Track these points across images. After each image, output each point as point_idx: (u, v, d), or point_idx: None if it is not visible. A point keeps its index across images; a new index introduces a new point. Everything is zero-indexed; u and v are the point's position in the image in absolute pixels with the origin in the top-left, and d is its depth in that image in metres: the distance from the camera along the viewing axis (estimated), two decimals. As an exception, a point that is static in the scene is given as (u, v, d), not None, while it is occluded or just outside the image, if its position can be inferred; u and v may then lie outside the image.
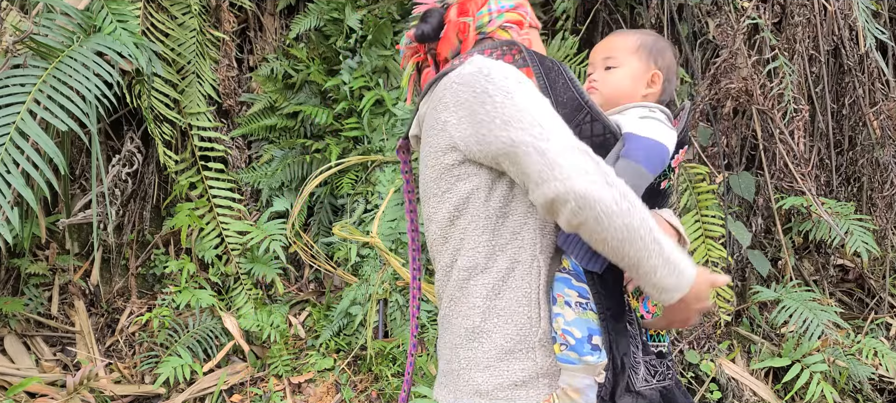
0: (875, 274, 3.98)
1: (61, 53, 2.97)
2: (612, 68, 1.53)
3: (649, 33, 1.57)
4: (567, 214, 1.24)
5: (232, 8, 3.72)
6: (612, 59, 1.53)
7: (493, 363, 1.39)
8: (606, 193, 1.22)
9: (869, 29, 3.47)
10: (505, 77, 1.34)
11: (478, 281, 1.40)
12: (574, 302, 1.39)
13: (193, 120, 3.57)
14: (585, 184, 1.22)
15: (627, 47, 1.53)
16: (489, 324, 1.40)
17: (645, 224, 1.25)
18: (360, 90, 3.65)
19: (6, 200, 2.67)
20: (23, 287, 3.47)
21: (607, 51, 1.55)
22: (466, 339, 1.42)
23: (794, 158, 3.45)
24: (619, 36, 1.56)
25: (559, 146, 1.25)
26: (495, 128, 1.30)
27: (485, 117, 1.32)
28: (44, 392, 3.10)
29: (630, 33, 1.56)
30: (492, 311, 1.39)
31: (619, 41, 1.55)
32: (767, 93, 3.35)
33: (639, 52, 1.53)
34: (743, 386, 3.31)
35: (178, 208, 3.59)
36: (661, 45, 1.56)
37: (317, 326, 3.54)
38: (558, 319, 1.40)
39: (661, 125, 1.43)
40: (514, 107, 1.30)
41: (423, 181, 1.48)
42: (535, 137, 1.27)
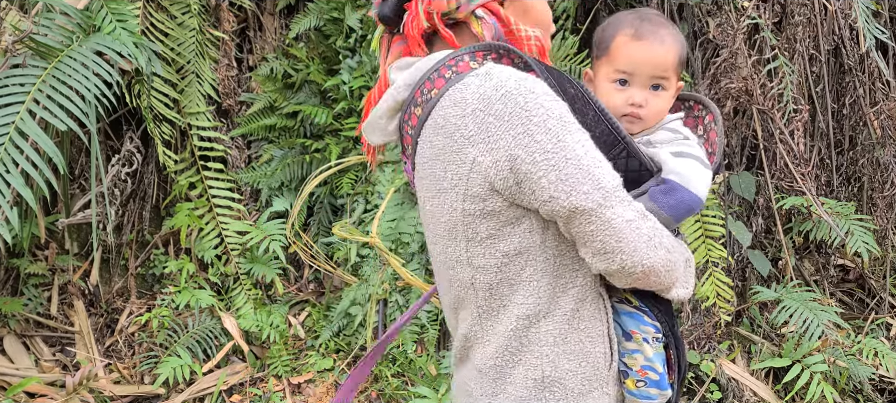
0: (875, 275, 3.97)
1: (61, 53, 2.97)
2: (662, 89, 1.32)
3: (677, 31, 1.36)
4: (624, 278, 1.20)
5: (231, 7, 3.72)
6: (665, 80, 1.31)
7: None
8: (660, 258, 1.18)
9: (869, 29, 3.47)
10: (543, 107, 1.15)
11: (542, 327, 1.24)
12: (651, 338, 1.33)
13: (193, 119, 3.56)
14: (653, 257, 1.17)
15: (673, 62, 1.32)
16: (560, 371, 1.25)
17: (675, 249, 1.24)
18: (360, 90, 3.64)
19: (5, 200, 2.66)
20: (22, 287, 3.47)
21: (658, 66, 1.30)
22: (537, 390, 1.25)
23: (794, 158, 3.45)
24: (666, 45, 1.30)
25: (623, 214, 1.15)
26: (548, 186, 1.14)
27: (532, 169, 1.14)
28: (43, 392, 3.10)
29: (671, 36, 1.32)
30: (562, 357, 1.25)
31: (667, 53, 1.31)
32: (768, 93, 3.35)
33: (678, 66, 1.34)
34: (743, 387, 3.31)
35: (178, 208, 3.58)
36: (685, 45, 1.37)
37: (316, 326, 3.54)
38: (637, 356, 1.32)
39: (698, 167, 1.27)
40: (565, 158, 1.14)
41: (448, 217, 1.25)
42: (597, 204, 1.14)
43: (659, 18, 1.35)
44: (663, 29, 1.32)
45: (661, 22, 1.35)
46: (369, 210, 3.50)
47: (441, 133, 1.20)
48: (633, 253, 1.16)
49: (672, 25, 1.37)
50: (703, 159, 1.30)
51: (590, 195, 1.14)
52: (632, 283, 1.21)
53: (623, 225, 1.15)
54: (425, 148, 1.24)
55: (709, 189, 1.29)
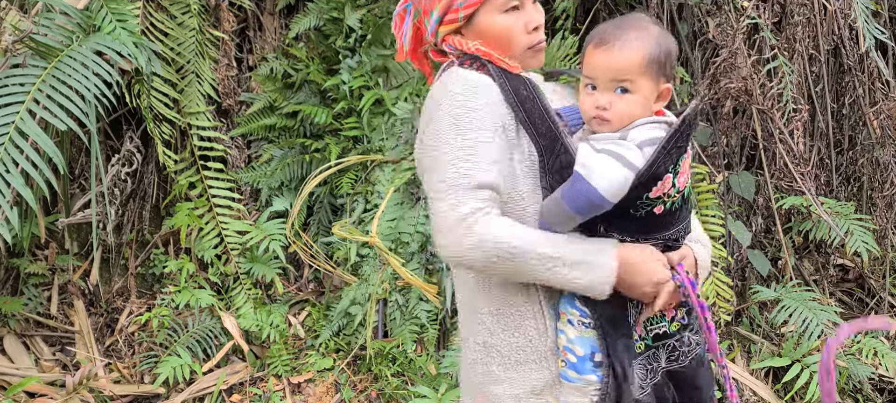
0: (875, 274, 3.98)
1: (61, 53, 2.97)
2: (627, 92, 1.36)
3: (653, 34, 1.37)
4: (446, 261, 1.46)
5: (231, 7, 3.72)
6: (627, 82, 1.35)
7: (508, 375, 1.45)
8: (476, 257, 1.33)
9: (868, 29, 3.47)
10: (448, 108, 1.38)
11: (483, 299, 1.46)
12: (576, 321, 1.40)
13: (193, 119, 3.56)
14: (468, 254, 1.33)
15: (639, 65, 1.35)
16: (497, 339, 1.45)
17: (524, 253, 1.33)
18: (360, 90, 3.64)
19: (5, 200, 2.67)
20: (22, 286, 3.47)
21: (618, 71, 1.35)
22: (481, 353, 1.48)
23: (793, 158, 3.45)
24: (628, 48, 1.34)
25: (444, 210, 1.33)
26: (424, 169, 1.44)
27: (422, 152, 1.44)
28: (43, 391, 3.10)
29: (638, 40, 1.35)
30: (498, 327, 1.44)
31: (631, 57, 1.34)
32: (767, 93, 3.35)
33: (649, 68, 1.35)
34: (743, 386, 3.31)
35: (178, 208, 3.58)
36: (667, 46, 1.38)
37: (316, 326, 3.54)
38: (561, 337, 1.41)
39: (610, 162, 1.31)
40: (438, 149, 1.37)
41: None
42: (435, 193, 1.37)
43: (635, 22, 1.38)
44: (632, 32, 1.36)
45: (635, 25, 1.37)
46: (369, 209, 3.50)
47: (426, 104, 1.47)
48: (448, 245, 1.34)
49: (650, 29, 1.38)
50: (625, 158, 1.32)
51: (433, 185, 1.37)
52: (455, 266, 1.49)
53: (448, 217, 1.33)
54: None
55: (621, 187, 1.31)
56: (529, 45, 1.46)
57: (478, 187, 1.33)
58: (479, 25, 1.45)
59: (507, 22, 1.44)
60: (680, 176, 1.39)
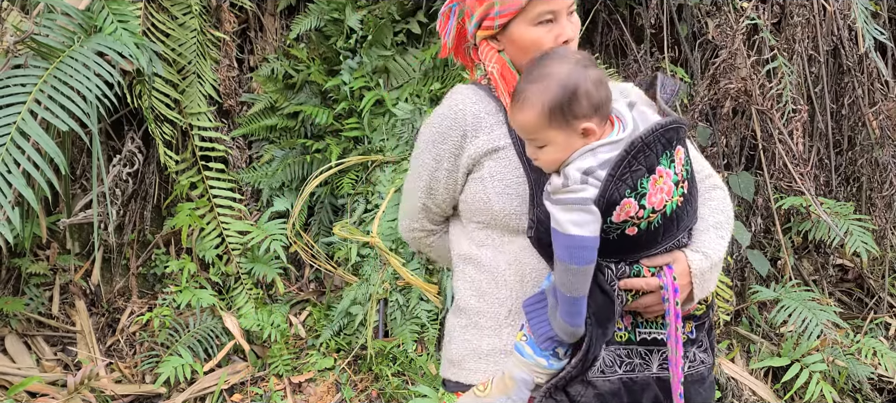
0: (874, 274, 3.98)
1: (62, 53, 2.98)
2: (542, 147, 1.38)
3: (557, 78, 1.34)
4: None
5: (232, 8, 3.73)
6: (535, 140, 1.38)
7: (463, 334, 1.57)
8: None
9: (867, 29, 3.47)
10: (424, 134, 1.59)
11: (460, 268, 1.61)
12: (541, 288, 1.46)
13: (194, 120, 3.57)
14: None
15: (539, 122, 1.35)
16: (466, 302, 1.57)
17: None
18: (361, 90, 3.65)
19: (7, 200, 2.67)
20: (24, 286, 3.48)
21: (524, 131, 1.40)
22: (455, 313, 1.62)
23: (793, 158, 3.46)
24: (526, 107, 1.35)
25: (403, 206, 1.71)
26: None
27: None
28: (44, 391, 3.11)
29: (536, 93, 1.34)
30: (468, 292, 1.57)
31: (529, 116, 1.35)
32: (766, 94, 3.36)
33: (552, 119, 1.34)
34: (742, 386, 3.32)
35: (179, 208, 3.59)
36: (572, 86, 1.34)
37: (317, 326, 3.55)
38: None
39: (567, 210, 1.34)
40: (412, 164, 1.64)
41: None
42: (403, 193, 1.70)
43: (543, 68, 1.37)
44: (533, 85, 1.35)
45: (540, 74, 1.36)
46: (370, 210, 3.51)
47: None
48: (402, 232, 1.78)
49: (555, 73, 1.35)
50: (576, 198, 1.34)
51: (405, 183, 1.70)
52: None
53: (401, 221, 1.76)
54: None
55: (592, 223, 1.34)
56: None
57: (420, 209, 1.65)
58: (512, 34, 1.48)
59: (538, 34, 1.46)
60: (651, 196, 1.36)
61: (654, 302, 1.44)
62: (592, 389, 1.42)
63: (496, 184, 1.49)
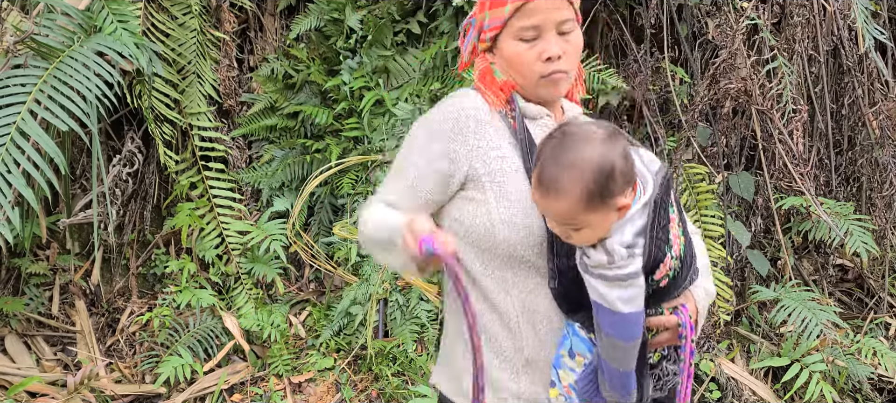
0: (874, 274, 3.98)
1: (62, 53, 2.98)
2: (578, 229, 1.32)
3: (590, 162, 1.28)
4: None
5: (232, 8, 3.73)
6: (571, 225, 1.32)
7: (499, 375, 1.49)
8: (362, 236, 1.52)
9: (867, 29, 3.47)
10: (415, 130, 1.51)
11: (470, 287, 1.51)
12: (584, 358, 1.42)
13: (194, 120, 3.57)
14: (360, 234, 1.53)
15: (578, 209, 1.29)
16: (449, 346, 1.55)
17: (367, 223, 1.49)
18: (361, 90, 3.65)
19: (7, 200, 2.67)
20: (23, 286, 3.48)
21: (560, 219, 1.32)
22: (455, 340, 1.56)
23: (793, 158, 3.46)
24: (558, 200, 1.29)
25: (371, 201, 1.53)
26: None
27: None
28: (44, 391, 3.11)
29: (571, 181, 1.28)
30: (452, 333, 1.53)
31: (566, 206, 1.29)
32: (767, 94, 3.36)
33: (590, 204, 1.29)
34: (742, 386, 3.32)
35: (179, 208, 3.59)
36: (609, 166, 1.28)
37: (317, 326, 3.55)
38: (570, 374, 1.42)
39: (622, 289, 1.31)
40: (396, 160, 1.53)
41: None
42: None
43: (571, 154, 1.30)
44: (563, 173, 1.28)
45: (571, 160, 1.29)
46: (369, 210, 3.50)
47: None
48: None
49: (586, 156, 1.29)
50: (626, 274, 1.30)
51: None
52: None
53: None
54: None
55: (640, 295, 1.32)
56: (541, 74, 1.45)
57: (385, 204, 1.49)
58: (500, 48, 1.48)
59: (520, 49, 1.45)
60: (673, 247, 1.38)
61: (670, 338, 1.46)
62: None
63: (502, 210, 1.41)
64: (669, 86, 3.58)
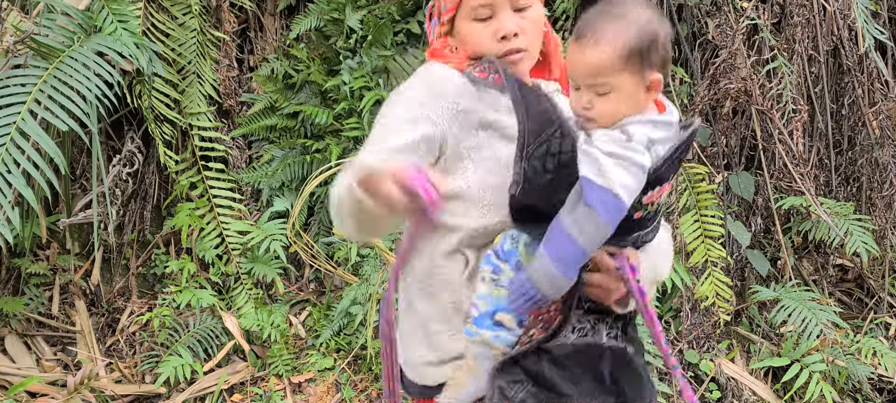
0: (874, 274, 3.98)
1: (62, 53, 2.98)
2: (604, 94, 1.25)
3: (636, 20, 1.24)
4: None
5: (232, 8, 3.73)
6: (602, 84, 1.25)
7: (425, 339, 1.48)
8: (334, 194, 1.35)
9: (867, 29, 3.47)
10: (402, 90, 1.46)
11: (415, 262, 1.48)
12: (488, 276, 1.36)
13: (194, 120, 3.57)
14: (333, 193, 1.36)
15: (614, 64, 1.23)
16: (417, 303, 1.48)
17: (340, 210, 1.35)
18: (361, 90, 3.65)
19: (7, 200, 2.67)
20: (23, 286, 3.48)
21: (591, 72, 1.25)
22: (404, 313, 1.52)
23: (793, 158, 3.46)
24: (601, 45, 1.23)
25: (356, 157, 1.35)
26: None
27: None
28: (44, 391, 3.11)
29: (614, 32, 1.23)
30: (421, 293, 1.47)
31: (603, 56, 1.23)
32: (766, 94, 3.36)
33: (629, 62, 1.23)
34: (742, 386, 3.32)
35: (179, 208, 3.59)
36: (652, 33, 1.24)
37: (317, 326, 3.55)
38: (473, 294, 1.38)
39: (627, 171, 1.22)
40: (379, 118, 1.44)
41: None
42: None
43: (619, 7, 1.25)
44: (610, 24, 1.23)
45: (616, 12, 1.25)
46: (369, 210, 3.50)
47: None
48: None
49: (632, 14, 1.24)
50: (636, 161, 1.22)
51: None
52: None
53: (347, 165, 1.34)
54: None
55: (636, 192, 1.23)
56: (498, 53, 1.43)
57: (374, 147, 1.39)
58: (458, 30, 1.47)
59: (475, 29, 1.44)
60: (663, 190, 1.32)
61: (603, 281, 1.35)
62: (546, 355, 1.33)
63: (487, 162, 1.40)
64: (669, 85, 3.58)
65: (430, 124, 1.38)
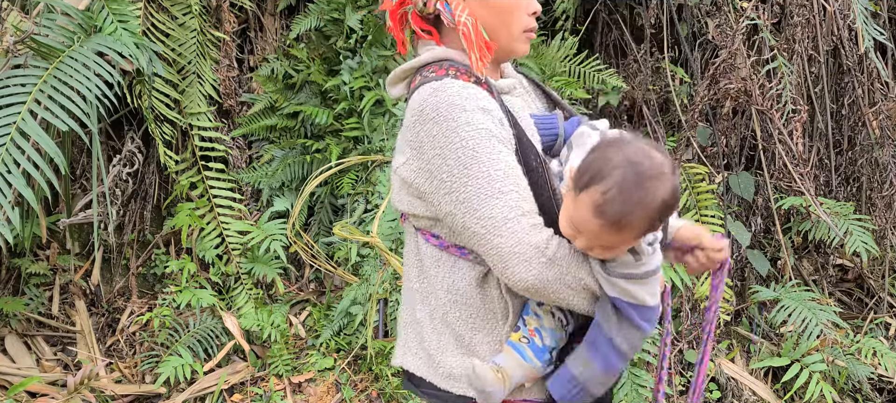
0: (874, 274, 3.98)
1: (62, 53, 2.98)
2: (611, 249, 1.29)
3: (655, 201, 1.22)
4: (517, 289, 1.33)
5: (232, 8, 3.73)
6: (609, 248, 1.29)
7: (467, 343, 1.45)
8: (560, 288, 1.30)
9: (867, 30, 3.47)
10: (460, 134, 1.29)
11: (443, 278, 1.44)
12: (558, 314, 1.42)
13: (194, 120, 3.57)
14: (527, 276, 1.28)
15: (626, 242, 1.28)
16: (451, 317, 1.44)
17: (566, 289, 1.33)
18: (361, 90, 3.65)
19: (7, 200, 2.67)
20: (23, 286, 3.48)
21: (604, 244, 1.28)
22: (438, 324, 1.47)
23: (793, 158, 3.46)
24: (622, 233, 1.24)
25: (510, 245, 1.26)
26: (447, 204, 1.32)
27: (438, 186, 1.32)
28: (44, 391, 3.11)
29: (635, 221, 1.22)
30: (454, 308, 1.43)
31: (621, 240, 1.26)
32: (766, 94, 3.36)
33: (639, 236, 1.28)
34: (742, 386, 3.32)
35: (179, 208, 3.59)
36: (670, 208, 1.25)
37: (317, 326, 3.55)
38: (536, 319, 1.41)
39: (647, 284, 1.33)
40: (464, 181, 1.28)
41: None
42: (486, 230, 1.28)
43: (648, 190, 1.21)
44: (636, 210, 1.21)
45: (646, 196, 1.21)
46: (370, 210, 3.51)
47: (406, 115, 1.39)
48: (528, 278, 1.28)
49: (656, 193, 1.21)
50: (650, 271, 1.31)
51: (471, 221, 1.28)
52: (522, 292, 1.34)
53: (520, 249, 1.26)
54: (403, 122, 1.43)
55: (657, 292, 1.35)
56: (526, 27, 1.44)
57: (534, 213, 1.30)
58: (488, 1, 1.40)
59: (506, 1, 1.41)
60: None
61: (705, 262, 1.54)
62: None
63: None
64: (669, 86, 3.58)
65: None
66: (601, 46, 3.87)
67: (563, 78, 3.54)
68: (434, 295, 1.45)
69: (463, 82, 1.34)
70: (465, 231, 1.31)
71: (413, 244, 1.50)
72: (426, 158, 1.33)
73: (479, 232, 1.28)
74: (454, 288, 1.42)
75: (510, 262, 1.27)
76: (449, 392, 1.47)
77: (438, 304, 1.44)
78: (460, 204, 1.29)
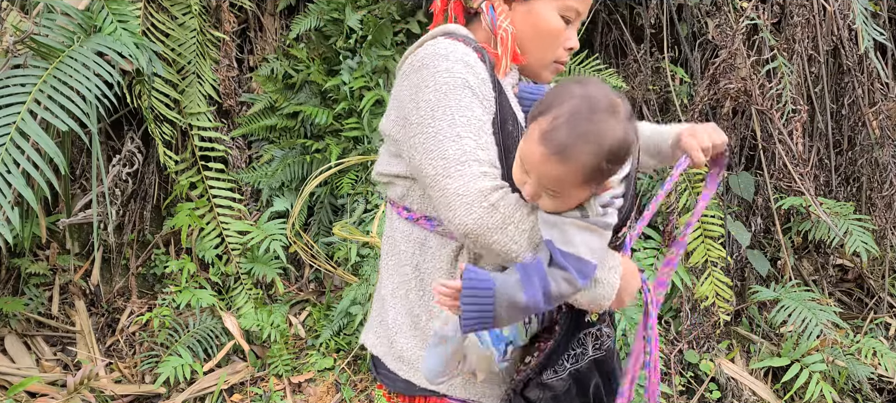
0: (874, 274, 3.98)
1: (62, 53, 2.98)
2: (554, 195, 1.22)
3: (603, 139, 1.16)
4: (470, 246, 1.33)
5: (232, 8, 3.73)
6: (556, 191, 1.22)
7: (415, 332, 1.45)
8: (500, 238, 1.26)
9: (867, 30, 3.47)
10: (438, 81, 1.29)
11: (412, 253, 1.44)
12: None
13: (194, 120, 3.57)
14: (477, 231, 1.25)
15: (571, 182, 1.20)
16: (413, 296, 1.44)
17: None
18: (361, 90, 3.65)
19: (7, 200, 2.67)
20: (23, 286, 3.48)
21: (550, 182, 1.20)
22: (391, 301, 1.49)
23: (793, 158, 3.46)
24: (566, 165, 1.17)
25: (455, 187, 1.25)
26: (409, 146, 1.32)
27: (405, 129, 1.34)
28: (44, 391, 3.11)
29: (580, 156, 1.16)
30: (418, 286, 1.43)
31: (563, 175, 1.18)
32: (766, 94, 3.36)
33: (587, 181, 1.20)
34: (742, 386, 3.32)
35: (179, 208, 3.59)
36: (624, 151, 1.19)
37: (317, 326, 3.55)
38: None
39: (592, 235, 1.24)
40: (429, 122, 1.29)
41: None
42: (437, 172, 1.27)
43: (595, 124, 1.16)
44: (581, 144, 1.16)
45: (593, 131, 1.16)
46: (369, 210, 3.51)
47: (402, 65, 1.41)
48: (468, 222, 1.25)
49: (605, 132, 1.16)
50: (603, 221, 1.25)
51: (429, 160, 1.28)
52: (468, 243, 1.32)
53: (464, 193, 1.24)
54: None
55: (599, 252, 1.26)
56: (558, 59, 1.45)
57: (490, 164, 1.27)
58: (534, 9, 1.41)
59: (560, 26, 1.41)
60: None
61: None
62: (549, 391, 1.39)
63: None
64: (669, 86, 3.58)
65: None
66: (601, 46, 3.87)
67: (563, 77, 3.54)
68: (400, 270, 1.45)
69: (453, 41, 1.35)
70: (423, 176, 1.30)
71: (388, 222, 1.51)
72: (403, 106, 1.35)
73: (431, 174, 1.27)
74: (422, 266, 1.41)
75: (453, 204, 1.25)
76: (396, 374, 1.45)
77: (403, 281, 1.44)
78: (420, 145, 1.29)
